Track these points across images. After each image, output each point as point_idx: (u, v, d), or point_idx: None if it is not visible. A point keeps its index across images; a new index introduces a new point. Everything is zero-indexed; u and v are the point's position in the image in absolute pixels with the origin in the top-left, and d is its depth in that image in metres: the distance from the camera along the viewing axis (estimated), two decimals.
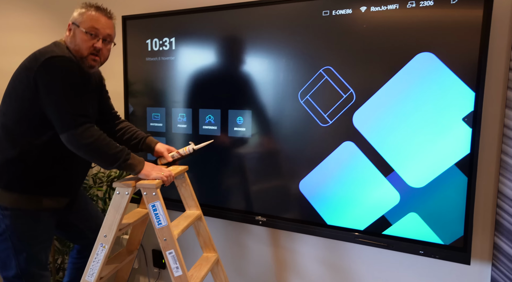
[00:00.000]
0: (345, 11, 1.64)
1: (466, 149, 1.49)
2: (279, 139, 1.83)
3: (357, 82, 1.65)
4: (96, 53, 1.48)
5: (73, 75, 1.39)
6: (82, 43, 1.45)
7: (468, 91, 1.47)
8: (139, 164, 1.49)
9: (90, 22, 1.46)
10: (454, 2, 1.47)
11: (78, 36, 1.45)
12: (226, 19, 1.88)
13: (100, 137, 1.41)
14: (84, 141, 1.38)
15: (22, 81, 1.39)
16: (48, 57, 1.35)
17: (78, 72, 1.41)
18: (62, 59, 1.37)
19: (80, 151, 1.41)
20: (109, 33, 1.50)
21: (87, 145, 1.39)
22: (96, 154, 1.41)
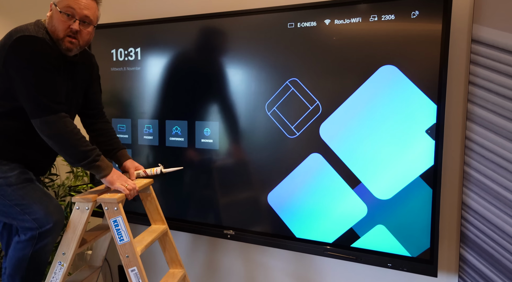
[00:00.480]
0: (309, 23, 1.64)
1: (430, 161, 1.49)
2: (246, 151, 1.80)
3: (323, 94, 1.64)
4: (73, 35, 1.38)
5: (44, 58, 1.31)
6: (58, 24, 1.36)
7: (430, 103, 1.48)
8: (106, 168, 1.44)
9: (67, 1, 1.36)
10: (414, 17, 1.48)
11: (55, 16, 1.37)
12: (192, 30, 1.86)
13: (73, 131, 1.35)
14: (56, 131, 1.32)
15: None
16: (19, 36, 1.28)
17: (52, 54, 1.33)
18: (33, 39, 1.30)
19: (50, 140, 1.34)
20: (86, 14, 1.38)
21: (58, 135, 1.33)
22: (65, 147, 1.35)
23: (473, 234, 1.51)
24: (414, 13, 1.49)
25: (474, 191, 1.49)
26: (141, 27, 1.96)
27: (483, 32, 1.45)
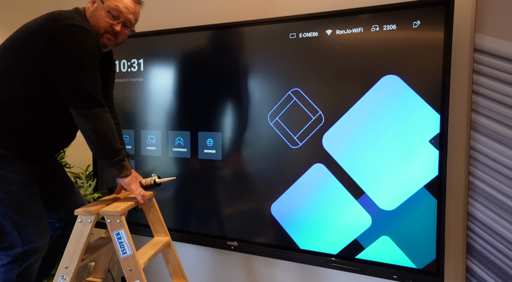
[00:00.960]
0: (311, 34, 1.65)
1: (434, 171, 1.48)
2: (249, 162, 1.79)
3: (325, 104, 1.64)
4: (112, 34, 1.40)
5: (94, 51, 1.31)
6: (101, 20, 1.37)
7: (434, 113, 1.47)
8: (129, 169, 1.45)
9: (116, 2, 1.38)
10: (416, 27, 1.48)
11: (99, 12, 1.37)
12: (195, 41, 1.87)
13: (112, 127, 1.35)
14: (99, 125, 1.31)
15: (29, 33, 1.29)
16: (71, 24, 1.26)
17: (98, 48, 1.34)
18: (86, 31, 1.29)
19: (91, 132, 1.32)
20: (131, 18, 1.42)
21: (100, 129, 1.32)
22: (102, 141, 1.34)
23: (479, 245, 1.48)
24: (415, 23, 1.49)
25: (479, 201, 1.47)
26: (143, 38, 1.97)
27: (486, 41, 1.44)
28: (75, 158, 2.26)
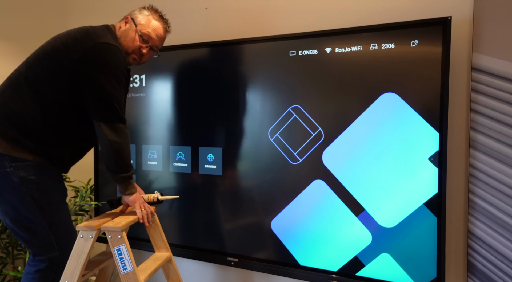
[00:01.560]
0: (311, 51, 1.67)
1: (434, 189, 1.48)
2: (250, 177, 1.80)
3: (325, 120, 1.65)
4: (139, 55, 1.48)
5: (124, 70, 1.38)
6: (131, 42, 1.45)
7: (432, 131, 1.48)
8: (133, 188, 1.49)
9: (149, 28, 1.47)
10: (414, 45, 1.51)
11: (131, 34, 1.45)
12: (196, 58, 1.90)
13: (129, 144, 1.41)
14: (120, 139, 1.37)
15: (66, 47, 1.34)
16: (105, 42, 1.33)
17: (126, 68, 1.41)
18: (118, 50, 1.36)
19: (111, 145, 1.37)
20: (159, 45, 1.51)
21: (120, 143, 1.37)
22: (119, 155, 1.39)
23: (480, 264, 1.48)
24: (413, 42, 1.51)
25: (480, 219, 1.47)
26: None
27: (483, 60, 1.46)
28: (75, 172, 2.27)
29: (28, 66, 1.40)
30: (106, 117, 1.36)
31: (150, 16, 1.47)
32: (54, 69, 1.35)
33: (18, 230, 1.41)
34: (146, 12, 1.47)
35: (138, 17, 1.46)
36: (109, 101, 1.34)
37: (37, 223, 1.41)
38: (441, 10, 1.57)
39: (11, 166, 1.35)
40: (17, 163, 1.36)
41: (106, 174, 2.12)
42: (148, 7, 1.50)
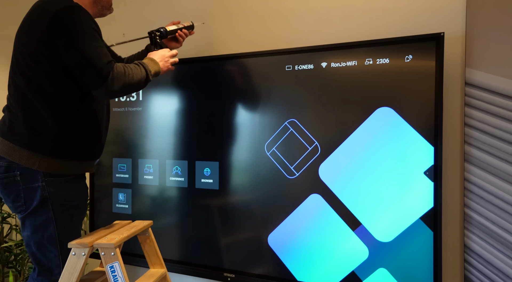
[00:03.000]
0: (307, 66, 1.69)
1: (429, 203, 1.48)
2: (246, 192, 1.80)
3: (321, 135, 1.66)
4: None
5: (92, 24, 1.32)
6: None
7: (428, 145, 1.49)
8: (155, 65, 1.49)
9: None
10: (408, 60, 1.53)
11: None
12: (193, 72, 1.91)
13: (126, 72, 1.34)
14: (117, 86, 1.31)
15: (32, 36, 1.29)
16: (61, 8, 1.27)
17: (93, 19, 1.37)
18: (77, 8, 1.30)
19: (118, 95, 1.38)
20: None
21: (122, 88, 1.33)
22: (131, 87, 1.38)
23: (477, 278, 1.47)
24: (407, 57, 1.53)
25: (476, 233, 1.47)
26: None
27: (476, 75, 1.48)
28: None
29: (13, 68, 1.37)
30: (93, 86, 1.30)
31: None
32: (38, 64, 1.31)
33: (32, 244, 1.41)
34: None
35: None
36: (89, 67, 1.28)
37: (51, 242, 1.40)
38: (434, 25, 1.60)
39: (43, 180, 1.35)
40: (49, 178, 1.36)
41: (102, 188, 2.10)
42: None
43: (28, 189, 1.36)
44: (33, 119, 1.33)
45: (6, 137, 1.35)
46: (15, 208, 1.41)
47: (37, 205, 1.37)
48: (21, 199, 1.38)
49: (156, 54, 1.54)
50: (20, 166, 1.34)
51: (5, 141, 1.35)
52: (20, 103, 1.34)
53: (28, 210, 1.38)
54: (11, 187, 1.37)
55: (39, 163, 1.34)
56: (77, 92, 1.36)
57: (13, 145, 1.33)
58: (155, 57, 1.52)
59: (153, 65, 1.48)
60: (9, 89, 1.40)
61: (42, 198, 1.36)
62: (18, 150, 1.33)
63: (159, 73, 1.52)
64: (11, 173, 1.35)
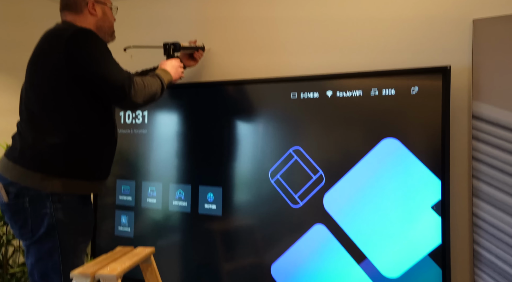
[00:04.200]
0: (312, 94, 1.69)
1: (437, 239, 1.44)
2: (250, 219, 1.77)
3: (326, 164, 1.64)
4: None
5: (104, 42, 1.41)
6: (111, 18, 1.55)
7: (434, 179, 1.46)
8: (167, 74, 1.58)
9: None
10: (414, 93, 1.52)
11: (109, 12, 1.53)
12: (199, 96, 1.91)
13: (145, 83, 1.42)
14: (140, 98, 1.39)
15: (47, 62, 1.34)
16: (74, 32, 1.33)
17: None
18: (88, 30, 1.38)
19: (141, 107, 1.45)
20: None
21: (144, 99, 1.41)
22: (151, 97, 1.45)
23: None
24: (413, 89, 1.52)
25: (486, 271, 1.42)
26: None
27: (483, 109, 1.46)
28: None
29: (27, 95, 1.39)
30: (117, 99, 1.38)
31: None
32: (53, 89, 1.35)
33: (35, 273, 1.40)
34: None
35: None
36: (111, 81, 1.34)
37: (55, 271, 1.38)
38: (440, 58, 1.59)
39: (51, 207, 1.35)
40: (58, 205, 1.35)
41: (104, 209, 2.09)
42: None
43: (36, 215, 1.36)
44: (46, 143, 1.34)
45: (18, 162, 1.36)
46: (22, 235, 1.41)
47: (43, 232, 1.36)
48: (28, 226, 1.37)
49: (167, 65, 1.65)
50: (30, 192, 1.35)
51: (17, 166, 1.35)
52: (33, 128, 1.36)
53: (34, 237, 1.37)
54: (20, 213, 1.37)
55: (51, 184, 1.34)
56: (91, 113, 1.40)
57: (25, 169, 1.34)
58: (166, 67, 1.63)
59: (166, 75, 1.58)
60: (21, 115, 1.42)
61: (49, 225, 1.36)
62: (30, 174, 1.34)
63: (172, 82, 1.61)
64: (20, 199, 1.36)
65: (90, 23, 1.47)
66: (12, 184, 1.35)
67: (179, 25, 2.18)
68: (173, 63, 1.66)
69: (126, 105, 1.43)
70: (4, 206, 1.38)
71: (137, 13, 2.31)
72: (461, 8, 1.56)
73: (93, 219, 1.53)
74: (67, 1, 1.46)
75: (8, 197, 1.36)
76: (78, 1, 1.45)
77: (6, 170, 1.37)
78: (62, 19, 1.48)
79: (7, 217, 1.41)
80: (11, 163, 1.36)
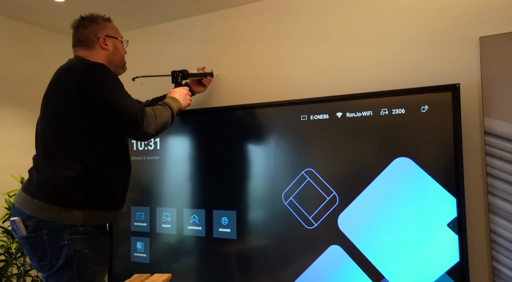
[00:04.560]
0: (322, 116, 1.70)
1: (455, 256, 1.43)
2: (264, 242, 1.78)
3: (339, 185, 1.65)
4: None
5: (116, 76, 1.45)
6: (122, 51, 1.60)
7: (449, 196, 1.46)
8: (176, 102, 1.62)
9: (118, 31, 1.60)
10: (424, 111, 1.52)
11: (120, 46, 1.58)
12: (210, 122, 1.94)
13: (156, 114, 1.46)
14: (153, 129, 1.44)
15: (62, 96, 1.38)
16: (87, 66, 1.37)
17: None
18: (101, 64, 1.42)
19: (153, 136, 1.48)
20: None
21: (156, 129, 1.45)
22: (163, 127, 1.50)
23: None
24: (423, 108, 1.53)
25: None
26: None
27: (495, 124, 1.46)
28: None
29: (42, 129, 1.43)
30: (130, 130, 1.41)
31: (111, 23, 1.59)
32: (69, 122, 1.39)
33: None
34: (106, 23, 1.55)
35: (111, 32, 1.55)
36: (124, 113, 1.37)
37: None
38: (449, 75, 1.60)
39: (69, 238, 1.37)
40: (75, 236, 1.38)
41: (120, 236, 2.11)
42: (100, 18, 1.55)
43: (54, 247, 1.39)
44: (63, 176, 1.37)
45: (36, 196, 1.38)
46: (40, 267, 1.43)
47: (62, 264, 1.38)
48: (47, 258, 1.40)
49: (176, 93, 1.69)
50: (48, 224, 1.37)
51: (34, 200, 1.38)
52: (50, 161, 1.39)
53: (53, 269, 1.39)
54: (38, 246, 1.40)
55: (69, 216, 1.37)
56: (106, 145, 1.43)
57: (43, 202, 1.37)
58: (175, 95, 1.67)
59: (175, 103, 1.62)
60: (37, 149, 1.46)
61: (67, 257, 1.38)
62: (48, 207, 1.37)
63: (181, 109, 1.65)
64: (39, 232, 1.38)
65: (101, 57, 1.51)
66: (30, 218, 1.38)
67: (187, 52, 2.22)
68: (181, 91, 1.70)
69: (139, 136, 1.46)
70: (22, 239, 1.40)
71: (146, 43, 2.37)
72: (467, 27, 1.58)
73: (110, 248, 1.54)
74: (79, 37, 1.51)
75: (26, 231, 1.39)
76: (90, 37, 1.50)
77: (24, 204, 1.39)
78: (74, 55, 1.52)
79: (26, 250, 1.43)
80: (29, 197, 1.39)
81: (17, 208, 1.39)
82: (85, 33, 1.49)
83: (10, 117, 2.35)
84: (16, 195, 1.44)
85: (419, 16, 1.68)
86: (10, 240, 2.12)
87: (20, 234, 1.39)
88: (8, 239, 2.13)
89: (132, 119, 1.37)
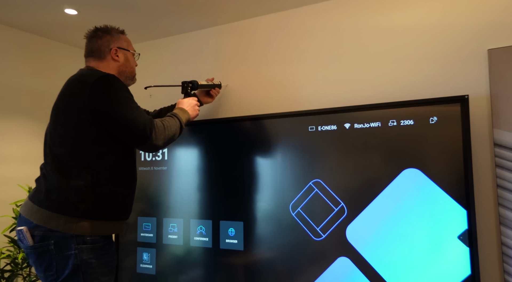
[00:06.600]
0: (330, 127, 1.71)
1: (466, 270, 1.41)
2: (272, 253, 1.76)
3: (347, 196, 1.64)
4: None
5: (126, 87, 1.46)
6: (133, 63, 1.62)
7: (459, 208, 1.45)
8: (185, 113, 1.63)
9: (131, 44, 1.63)
10: (433, 123, 1.53)
11: (131, 58, 1.61)
12: (218, 132, 1.95)
13: (164, 125, 1.46)
14: (161, 141, 1.44)
15: (72, 106, 1.39)
16: (98, 78, 1.39)
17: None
18: (112, 76, 1.44)
19: (162, 148, 1.49)
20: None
21: (164, 141, 1.46)
22: (171, 138, 1.50)
23: None
24: (432, 119, 1.53)
25: None
26: None
27: (505, 136, 1.46)
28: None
29: (51, 138, 1.44)
30: (139, 142, 1.41)
31: (124, 36, 1.61)
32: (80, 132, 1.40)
33: None
34: (119, 36, 1.58)
35: (123, 44, 1.57)
36: (133, 125, 1.38)
37: None
38: (458, 87, 1.61)
39: (76, 248, 1.37)
40: (82, 246, 1.38)
41: (126, 246, 2.10)
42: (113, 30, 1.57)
43: (60, 257, 1.38)
44: (71, 186, 1.38)
45: (43, 205, 1.39)
46: (46, 277, 1.42)
47: (68, 274, 1.37)
48: (53, 268, 1.39)
49: (185, 103, 1.70)
50: (55, 234, 1.37)
51: (42, 209, 1.38)
52: (58, 171, 1.40)
53: (59, 279, 1.38)
54: (44, 256, 1.39)
55: (76, 226, 1.37)
56: (116, 155, 1.44)
57: (51, 212, 1.37)
58: (184, 106, 1.68)
59: (184, 114, 1.63)
60: (45, 158, 1.47)
61: (73, 267, 1.37)
62: (55, 217, 1.37)
63: (190, 120, 1.66)
64: (45, 242, 1.38)
65: (112, 68, 1.54)
66: (37, 227, 1.38)
67: (197, 64, 2.25)
68: (190, 102, 1.71)
69: (147, 148, 1.46)
70: (29, 249, 1.40)
71: (157, 54, 2.41)
72: (475, 39, 1.59)
73: (116, 258, 1.53)
74: (92, 48, 1.54)
75: (33, 240, 1.38)
76: (103, 48, 1.53)
77: (31, 213, 1.39)
78: (86, 65, 1.55)
79: (32, 260, 1.42)
80: (36, 206, 1.39)
81: (24, 218, 1.39)
82: (97, 44, 1.52)
83: (20, 129, 2.37)
84: (23, 204, 1.44)
85: (428, 29, 1.70)
86: (17, 250, 2.12)
87: (27, 243, 1.39)
88: (15, 249, 2.12)
89: (141, 132, 1.38)
